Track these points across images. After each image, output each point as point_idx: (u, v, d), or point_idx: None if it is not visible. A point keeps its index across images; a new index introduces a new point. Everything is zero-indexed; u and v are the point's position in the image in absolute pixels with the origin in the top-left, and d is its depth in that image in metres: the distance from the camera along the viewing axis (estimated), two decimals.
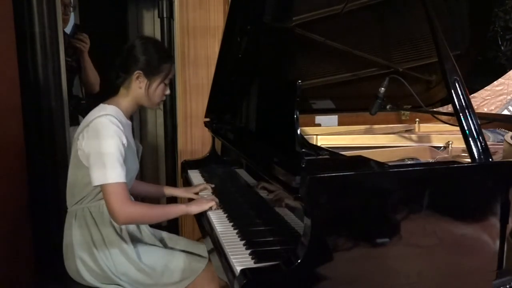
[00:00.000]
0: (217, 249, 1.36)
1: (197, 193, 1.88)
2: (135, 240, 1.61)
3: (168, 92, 1.66)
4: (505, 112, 3.02)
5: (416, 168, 1.33)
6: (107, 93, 1.64)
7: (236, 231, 1.44)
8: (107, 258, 1.54)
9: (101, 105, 1.58)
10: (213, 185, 1.91)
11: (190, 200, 1.89)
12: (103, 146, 1.44)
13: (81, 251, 1.54)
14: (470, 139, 1.29)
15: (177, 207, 1.63)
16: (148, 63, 1.56)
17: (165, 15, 2.71)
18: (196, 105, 2.67)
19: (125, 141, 1.49)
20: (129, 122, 1.64)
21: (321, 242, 1.13)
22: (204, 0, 2.59)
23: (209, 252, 1.52)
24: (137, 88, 1.58)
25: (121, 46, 1.62)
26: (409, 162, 1.67)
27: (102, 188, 1.44)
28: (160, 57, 1.58)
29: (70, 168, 1.58)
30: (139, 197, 1.91)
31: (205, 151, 2.37)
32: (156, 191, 1.95)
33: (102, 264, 1.53)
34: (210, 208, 1.61)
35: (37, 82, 2.06)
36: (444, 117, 2.19)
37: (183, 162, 2.29)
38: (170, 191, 1.98)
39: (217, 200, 1.65)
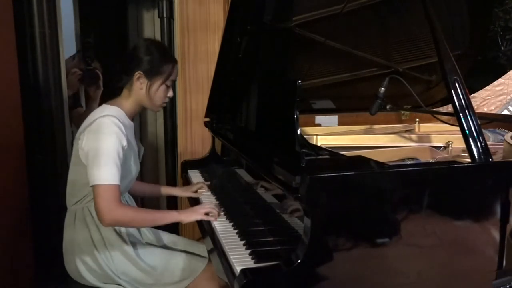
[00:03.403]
0: (217, 249, 1.36)
1: (195, 192, 1.88)
2: (135, 239, 1.61)
3: (170, 94, 1.63)
4: (505, 112, 3.02)
5: (416, 168, 1.33)
6: (108, 95, 1.64)
7: (236, 231, 1.44)
8: (106, 258, 1.54)
9: (104, 106, 1.59)
10: (208, 183, 1.93)
11: (190, 199, 1.90)
12: (101, 147, 1.43)
13: (81, 250, 1.54)
14: (470, 139, 1.29)
15: (168, 214, 1.59)
16: (149, 63, 1.56)
17: (165, 15, 2.70)
18: (196, 101, 2.66)
19: (125, 143, 1.49)
20: (132, 123, 1.64)
21: (321, 242, 1.13)
22: None
23: (209, 252, 1.52)
24: (139, 89, 1.58)
25: (121, 46, 1.62)
26: (409, 162, 1.67)
27: (93, 188, 1.43)
28: (161, 58, 1.58)
29: (70, 167, 1.58)
30: (138, 198, 1.90)
31: (205, 151, 2.37)
32: (153, 190, 1.94)
33: (102, 264, 1.53)
34: (207, 214, 1.56)
35: (37, 82, 2.06)
36: (444, 117, 2.19)
37: (183, 162, 2.29)
38: (167, 190, 1.99)
39: (216, 210, 1.57)
